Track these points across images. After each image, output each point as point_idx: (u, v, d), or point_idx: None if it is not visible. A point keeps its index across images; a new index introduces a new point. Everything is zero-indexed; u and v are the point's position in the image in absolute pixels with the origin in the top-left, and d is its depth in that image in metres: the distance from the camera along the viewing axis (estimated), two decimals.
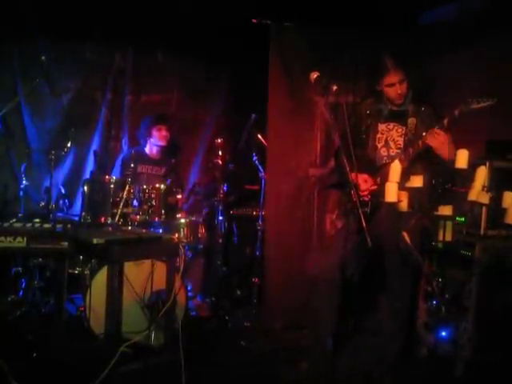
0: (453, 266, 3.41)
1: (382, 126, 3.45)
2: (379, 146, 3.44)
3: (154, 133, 4.67)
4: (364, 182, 3.33)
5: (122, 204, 3.67)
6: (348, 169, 2.97)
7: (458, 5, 4.07)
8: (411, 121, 3.37)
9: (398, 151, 3.37)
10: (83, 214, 3.70)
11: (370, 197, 3.32)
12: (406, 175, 3.18)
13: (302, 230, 4.40)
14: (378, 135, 3.45)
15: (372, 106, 3.51)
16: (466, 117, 3.12)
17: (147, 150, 4.77)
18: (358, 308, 3.92)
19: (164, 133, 4.68)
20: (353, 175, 3.02)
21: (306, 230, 4.41)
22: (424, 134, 3.22)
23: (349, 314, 3.55)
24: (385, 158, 3.41)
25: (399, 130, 3.41)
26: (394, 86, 3.33)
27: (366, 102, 3.56)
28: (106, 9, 4.41)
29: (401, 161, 3.20)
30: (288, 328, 4.16)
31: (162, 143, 4.71)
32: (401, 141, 3.39)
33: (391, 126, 3.43)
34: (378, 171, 3.37)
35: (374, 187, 3.33)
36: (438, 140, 3.15)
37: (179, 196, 4.48)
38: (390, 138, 3.42)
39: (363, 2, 4.16)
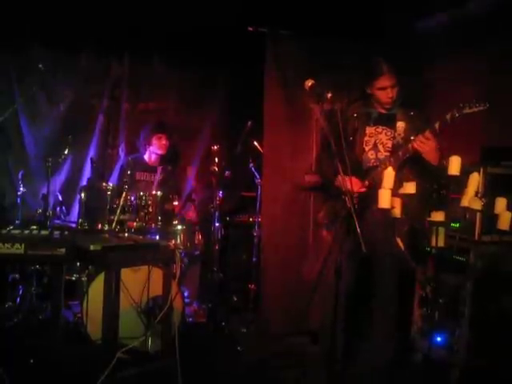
0: (446, 272, 3.42)
1: (370, 130, 3.45)
2: (367, 148, 3.44)
3: (154, 141, 4.68)
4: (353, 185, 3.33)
5: (118, 211, 3.70)
6: (332, 173, 2.94)
7: (452, 13, 4.11)
8: (400, 124, 3.38)
9: (387, 154, 3.37)
10: (80, 220, 3.73)
11: (357, 200, 3.30)
12: (398, 182, 3.19)
13: (299, 237, 4.41)
14: (366, 138, 3.45)
15: (360, 109, 3.50)
16: (459, 122, 3.12)
17: (146, 157, 4.77)
18: (352, 313, 3.93)
19: (164, 142, 4.69)
20: (341, 179, 2.99)
21: (303, 237, 4.41)
22: (413, 137, 3.22)
23: (344, 320, 3.55)
24: (372, 160, 3.41)
25: (388, 133, 3.42)
26: (386, 89, 3.33)
27: (353, 105, 3.54)
28: (102, 17, 4.43)
29: (390, 164, 3.22)
30: (285, 334, 4.17)
31: (161, 152, 4.72)
32: (390, 144, 3.40)
33: (380, 129, 3.44)
34: (366, 174, 3.38)
35: (363, 190, 3.33)
36: (426, 145, 3.16)
37: (176, 203, 4.49)
38: (378, 141, 3.43)
39: (358, 10, 4.19)
